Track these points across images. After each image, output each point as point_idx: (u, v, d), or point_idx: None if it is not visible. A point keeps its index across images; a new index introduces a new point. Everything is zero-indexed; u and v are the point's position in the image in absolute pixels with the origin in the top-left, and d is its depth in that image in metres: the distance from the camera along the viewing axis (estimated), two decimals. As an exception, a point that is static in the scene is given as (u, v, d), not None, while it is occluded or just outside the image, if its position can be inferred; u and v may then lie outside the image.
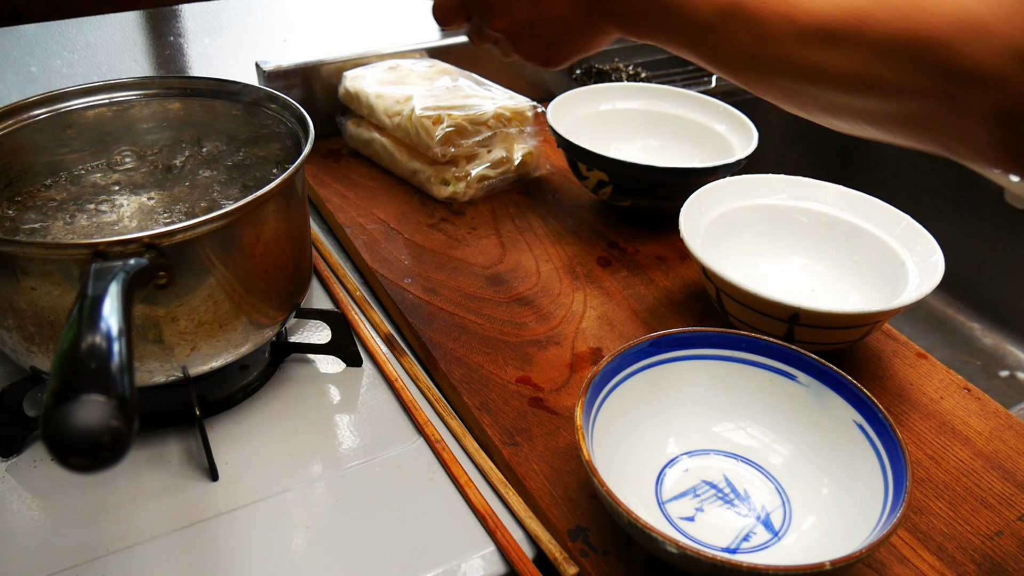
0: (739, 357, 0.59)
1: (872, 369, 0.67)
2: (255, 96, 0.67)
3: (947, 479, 0.58)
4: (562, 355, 0.67)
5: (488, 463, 0.58)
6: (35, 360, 0.55)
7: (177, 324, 0.54)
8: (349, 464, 0.59)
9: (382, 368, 0.67)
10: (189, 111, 0.69)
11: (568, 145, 0.81)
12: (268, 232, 0.57)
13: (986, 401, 0.65)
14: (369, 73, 0.92)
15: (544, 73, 1.08)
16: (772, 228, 0.75)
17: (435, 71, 0.93)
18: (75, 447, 0.33)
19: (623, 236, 0.83)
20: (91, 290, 0.43)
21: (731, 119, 0.87)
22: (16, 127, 0.63)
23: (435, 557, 0.53)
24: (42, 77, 1.02)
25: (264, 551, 0.53)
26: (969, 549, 0.53)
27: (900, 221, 0.71)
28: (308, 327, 0.71)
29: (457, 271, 0.76)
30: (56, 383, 0.35)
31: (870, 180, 1.15)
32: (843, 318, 0.61)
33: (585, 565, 0.51)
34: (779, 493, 0.55)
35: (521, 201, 0.88)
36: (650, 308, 0.73)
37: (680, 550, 0.44)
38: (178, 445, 0.60)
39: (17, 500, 0.55)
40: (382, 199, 0.87)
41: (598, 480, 0.47)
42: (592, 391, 0.53)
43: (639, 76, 1.11)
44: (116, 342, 0.38)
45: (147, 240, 0.49)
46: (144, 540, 0.53)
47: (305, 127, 0.62)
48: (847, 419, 0.55)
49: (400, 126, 0.85)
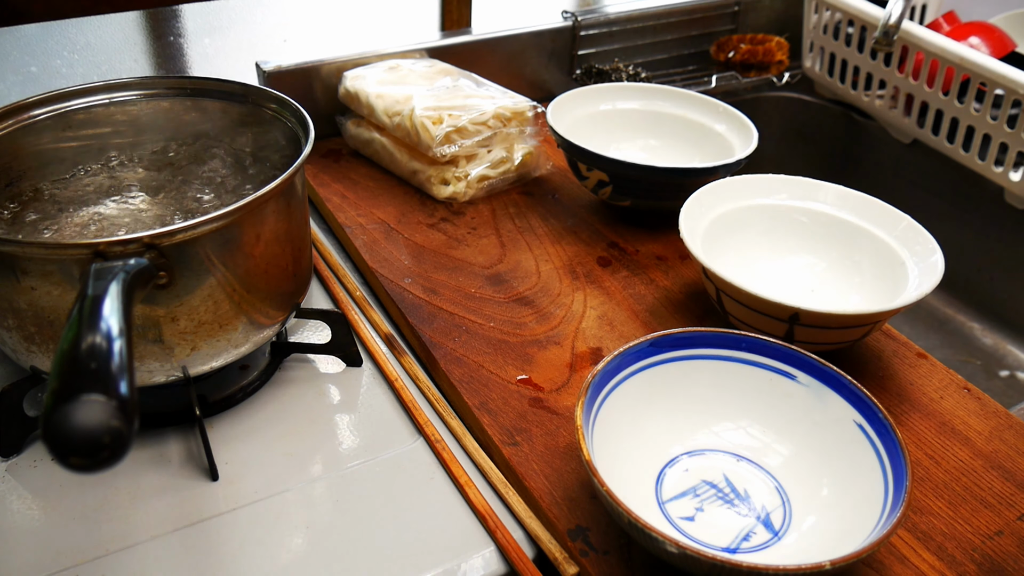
0: (739, 357, 0.59)
1: (872, 369, 0.67)
2: (255, 96, 0.67)
3: (947, 479, 0.58)
4: (562, 355, 0.67)
5: (488, 463, 0.58)
6: (35, 360, 0.55)
7: (177, 324, 0.54)
8: (349, 464, 0.59)
9: (382, 368, 0.67)
10: (189, 111, 0.69)
11: (568, 145, 0.81)
12: (268, 232, 0.57)
13: (986, 401, 0.65)
14: (369, 73, 0.92)
15: (544, 73, 1.08)
16: (772, 228, 0.75)
17: (435, 71, 0.93)
18: (75, 447, 0.33)
19: (623, 236, 0.83)
20: (91, 290, 0.43)
21: (731, 119, 0.87)
22: (16, 127, 0.63)
23: (435, 557, 0.53)
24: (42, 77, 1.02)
25: (264, 551, 0.53)
26: (969, 549, 0.53)
27: (900, 221, 0.71)
28: (308, 327, 0.71)
29: (457, 271, 0.76)
30: (56, 383, 0.35)
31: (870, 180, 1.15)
32: (843, 318, 0.61)
33: (585, 565, 0.51)
34: (779, 493, 0.55)
35: (521, 201, 0.88)
36: (650, 308, 0.73)
37: (680, 550, 0.44)
38: (178, 445, 0.60)
39: (17, 500, 0.55)
40: (382, 199, 0.87)
41: (598, 480, 0.47)
42: (592, 391, 0.53)
43: (639, 76, 1.11)
44: (116, 342, 0.38)
45: (147, 240, 0.49)
46: (144, 540, 0.53)
47: (305, 127, 0.62)
48: (847, 419, 0.55)
49: (400, 126, 0.85)
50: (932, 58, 0.94)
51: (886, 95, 1.04)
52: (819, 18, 1.09)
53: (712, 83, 1.13)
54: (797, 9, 1.17)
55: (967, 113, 0.93)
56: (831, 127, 1.19)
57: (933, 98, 0.97)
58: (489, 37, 1.03)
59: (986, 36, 1.01)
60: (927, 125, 1.00)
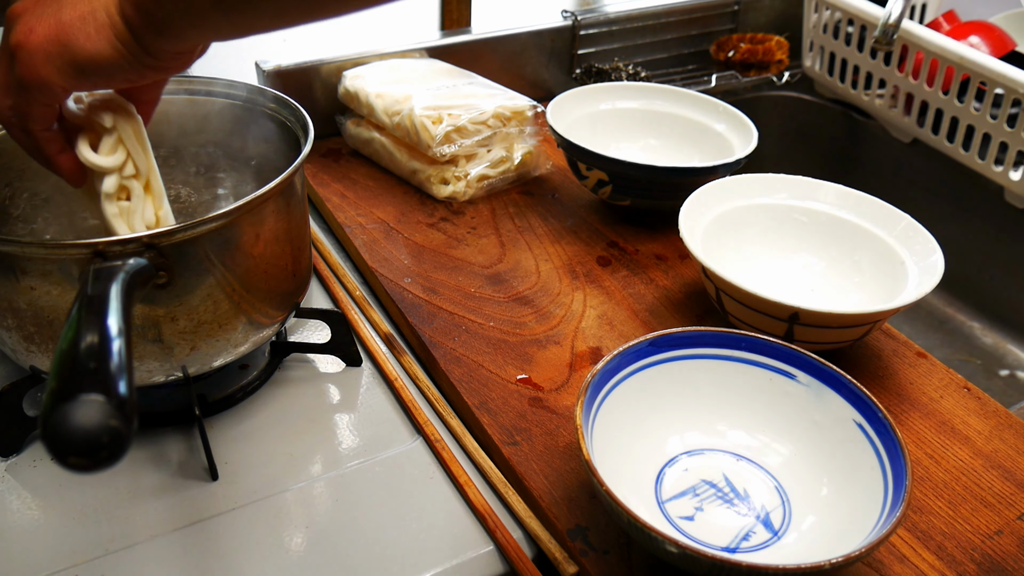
0: (739, 356, 0.59)
1: (872, 368, 0.67)
2: (255, 96, 0.67)
3: (947, 478, 0.58)
4: (562, 354, 0.67)
5: (488, 463, 0.58)
6: (34, 360, 0.55)
7: (176, 324, 0.54)
8: (349, 464, 0.59)
9: (382, 368, 0.66)
10: (189, 110, 0.69)
11: (568, 144, 0.81)
12: (267, 232, 0.57)
13: (986, 400, 0.65)
14: (369, 72, 0.92)
15: (544, 72, 1.09)
16: (772, 228, 0.75)
17: (435, 71, 0.93)
18: (74, 447, 0.33)
19: (623, 236, 0.83)
20: (91, 290, 0.43)
21: (731, 118, 0.87)
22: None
23: (435, 557, 0.53)
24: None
25: (264, 551, 0.53)
26: (969, 548, 0.53)
27: (900, 221, 0.71)
28: (308, 327, 0.71)
29: (457, 271, 0.76)
30: (55, 383, 0.35)
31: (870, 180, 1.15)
32: (843, 318, 0.61)
33: (585, 564, 0.51)
34: (779, 492, 0.55)
35: (521, 201, 0.88)
36: (650, 308, 0.73)
37: (680, 549, 0.44)
38: (178, 445, 0.60)
39: (17, 500, 0.55)
40: (382, 199, 0.87)
41: (598, 479, 0.47)
42: (592, 390, 0.53)
43: (639, 76, 1.10)
44: (115, 342, 0.38)
45: (146, 240, 0.49)
46: (144, 540, 0.53)
47: (305, 127, 0.61)
48: (847, 418, 0.55)
49: (400, 125, 0.85)
50: (932, 57, 0.94)
51: (886, 94, 1.04)
52: (819, 17, 1.09)
53: (712, 82, 1.13)
54: (797, 8, 1.17)
55: (967, 112, 0.93)
56: (831, 126, 1.19)
57: (933, 97, 0.97)
58: (489, 37, 1.03)
59: (986, 35, 1.01)
60: (927, 124, 1.00)
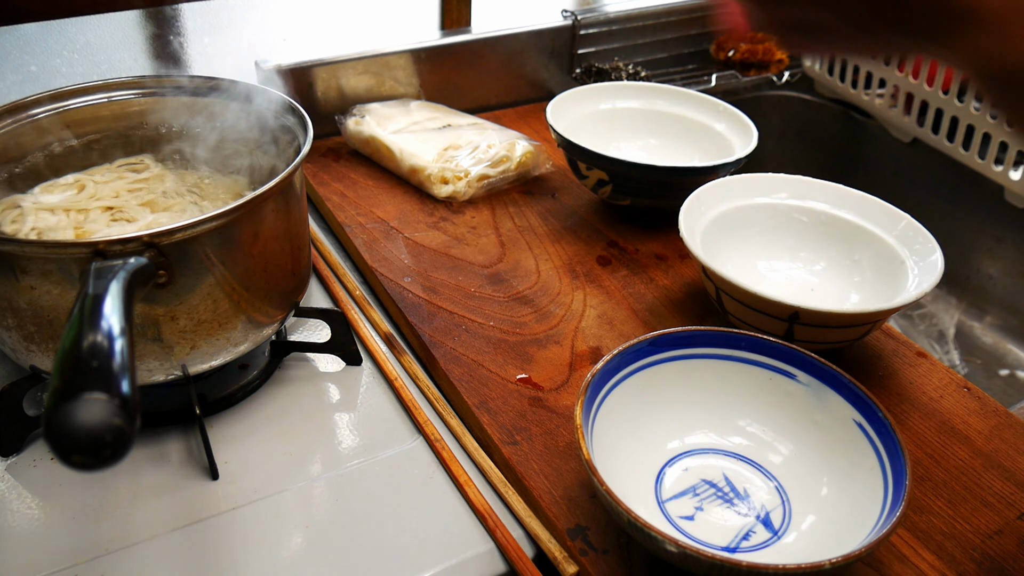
0: (739, 356, 0.59)
1: (872, 368, 0.67)
2: (254, 95, 0.67)
3: (947, 478, 0.58)
4: (562, 354, 0.67)
5: (488, 462, 0.58)
6: (35, 359, 0.55)
7: (176, 323, 0.54)
8: (348, 463, 0.59)
9: (382, 367, 0.66)
10: (188, 110, 0.69)
11: (568, 144, 0.81)
12: (267, 231, 0.57)
13: (986, 400, 0.65)
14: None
15: (544, 72, 1.08)
16: (772, 228, 0.75)
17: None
18: (77, 445, 0.33)
19: (623, 235, 0.83)
20: (92, 289, 0.43)
21: (731, 118, 0.87)
22: (16, 126, 0.63)
23: (435, 556, 0.53)
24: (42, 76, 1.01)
25: (264, 550, 0.53)
26: (969, 548, 0.53)
27: (900, 220, 0.71)
28: (308, 326, 0.71)
29: (457, 270, 0.76)
30: (58, 382, 0.35)
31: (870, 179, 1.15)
32: (843, 317, 0.61)
33: (585, 564, 0.51)
34: (779, 492, 0.55)
35: (521, 200, 0.88)
36: (650, 307, 0.73)
37: (680, 549, 0.44)
38: (178, 444, 0.60)
39: (17, 499, 0.55)
40: (382, 198, 0.87)
41: (598, 479, 0.47)
42: (592, 390, 0.53)
43: (639, 75, 1.10)
44: (117, 341, 0.38)
45: (147, 239, 0.49)
46: (144, 539, 0.53)
47: (304, 126, 0.62)
48: (847, 418, 0.55)
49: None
50: (932, 57, 0.94)
51: (886, 94, 1.04)
52: (819, 17, 1.09)
53: (712, 82, 1.13)
54: (797, 8, 1.17)
55: (967, 112, 0.93)
56: (831, 126, 1.19)
57: (933, 97, 0.97)
58: (489, 36, 1.03)
59: (986, 35, 1.00)
60: (927, 124, 1.00)
